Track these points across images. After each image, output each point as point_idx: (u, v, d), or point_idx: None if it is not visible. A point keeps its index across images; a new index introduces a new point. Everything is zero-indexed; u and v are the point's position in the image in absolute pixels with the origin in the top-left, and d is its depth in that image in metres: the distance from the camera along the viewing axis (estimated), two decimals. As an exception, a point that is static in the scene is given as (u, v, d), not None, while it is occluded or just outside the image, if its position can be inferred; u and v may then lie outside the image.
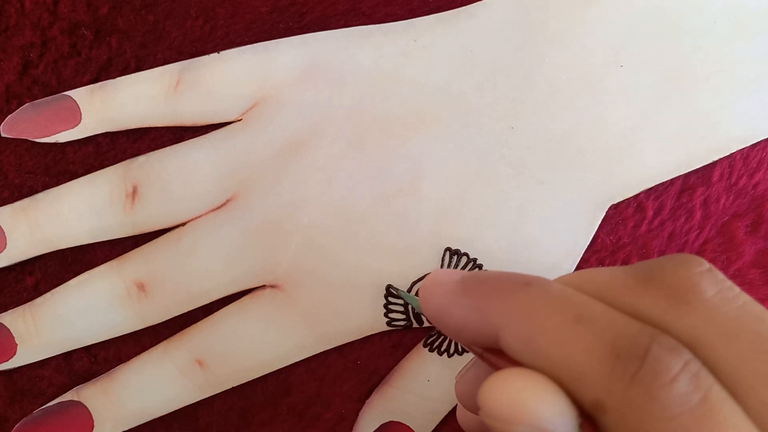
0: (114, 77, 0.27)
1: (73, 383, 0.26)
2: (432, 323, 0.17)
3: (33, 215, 0.26)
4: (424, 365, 0.26)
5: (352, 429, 0.26)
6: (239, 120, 0.27)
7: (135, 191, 0.26)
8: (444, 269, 0.21)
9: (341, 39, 0.27)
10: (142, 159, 0.27)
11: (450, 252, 0.26)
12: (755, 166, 0.27)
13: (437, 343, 0.26)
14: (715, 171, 0.27)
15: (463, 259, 0.26)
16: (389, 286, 0.26)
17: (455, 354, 0.26)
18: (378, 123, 0.26)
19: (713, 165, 0.27)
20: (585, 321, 0.14)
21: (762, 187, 0.27)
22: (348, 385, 0.26)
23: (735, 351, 0.13)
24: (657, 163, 0.26)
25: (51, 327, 0.26)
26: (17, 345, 0.26)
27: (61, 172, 0.27)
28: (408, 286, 0.26)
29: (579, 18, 0.26)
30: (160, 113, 0.27)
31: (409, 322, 0.26)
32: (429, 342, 0.26)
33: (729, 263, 0.27)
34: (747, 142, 0.26)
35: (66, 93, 0.27)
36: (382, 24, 0.27)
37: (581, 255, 0.26)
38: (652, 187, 0.26)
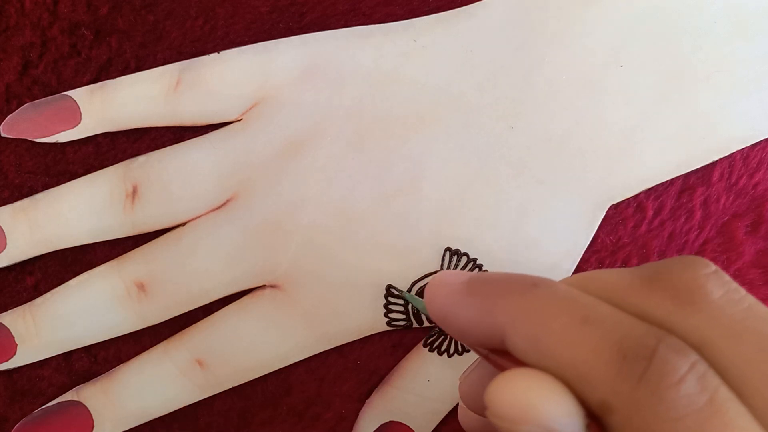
0: (114, 77, 0.27)
1: (73, 383, 0.26)
2: (438, 324, 0.17)
3: (33, 215, 0.26)
4: (424, 365, 0.26)
5: (352, 429, 0.26)
6: (239, 120, 0.27)
7: (135, 191, 0.26)
8: (450, 270, 0.21)
9: (341, 39, 0.27)
10: (142, 159, 0.27)
11: (450, 252, 0.26)
12: (755, 166, 0.27)
13: (437, 343, 0.26)
14: (715, 171, 0.27)
15: (463, 259, 0.26)
16: (390, 286, 0.26)
17: (455, 354, 0.26)
18: (378, 123, 0.26)
19: (713, 165, 0.27)
20: (592, 322, 0.14)
21: (762, 187, 0.27)
22: (348, 385, 0.26)
23: (741, 352, 0.13)
24: (657, 163, 0.26)
25: (51, 327, 0.26)
26: (17, 345, 0.26)
27: (61, 172, 0.27)
28: (408, 286, 0.26)
29: (579, 18, 0.26)
30: (160, 113, 0.27)
31: (409, 322, 0.26)
32: (429, 342, 0.26)
33: (729, 263, 0.27)
34: (747, 142, 0.26)
35: (66, 93, 0.27)
36: (382, 24, 0.27)
37: (581, 255, 0.26)
38: (652, 187, 0.26)
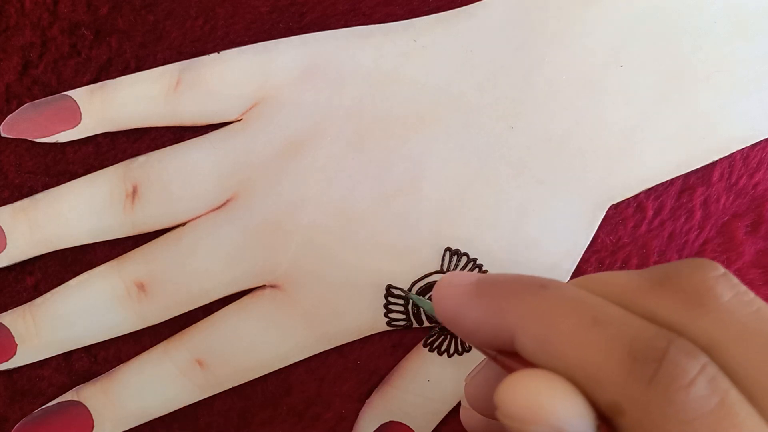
0: (114, 77, 0.27)
1: (73, 383, 0.26)
2: (446, 325, 0.17)
3: (33, 215, 0.26)
4: (424, 365, 0.26)
5: (352, 429, 0.26)
6: (239, 120, 0.27)
7: (135, 191, 0.26)
8: (458, 272, 0.21)
9: (341, 39, 0.27)
10: (142, 159, 0.27)
11: (450, 252, 0.26)
12: (755, 166, 0.27)
13: (437, 343, 0.26)
14: (715, 171, 0.27)
15: (463, 259, 0.26)
16: (390, 286, 0.26)
17: (455, 354, 0.26)
18: (378, 123, 0.26)
19: (713, 165, 0.27)
20: (602, 323, 0.14)
21: (762, 187, 0.27)
22: (348, 385, 0.26)
23: (750, 355, 0.13)
24: (657, 163, 0.26)
25: (51, 327, 0.26)
26: (17, 345, 0.26)
27: (61, 172, 0.27)
28: (408, 286, 0.26)
29: (579, 18, 0.26)
30: (160, 113, 0.27)
31: (409, 322, 0.26)
32: (429, 342, 0.26)
33: (729, 263, 0.27)
34: (747, 142, 0.26)
35: (66, 93, 0.27)
36: (382, 24, 0.27)
37: (581, 255, 0.26)
38: (652, 187, 0.26)
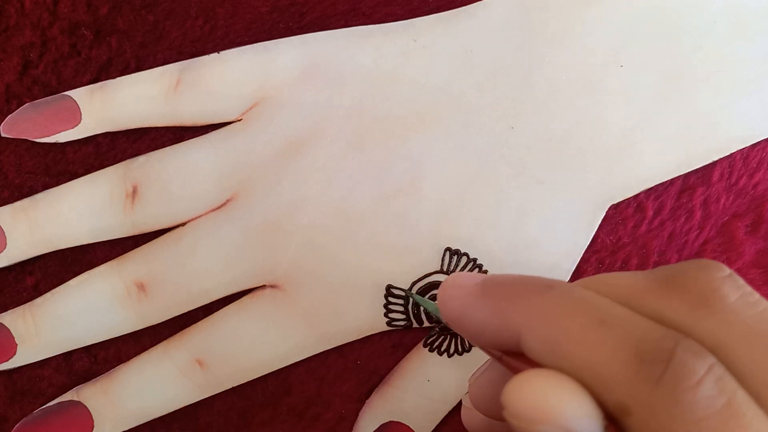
0: (114, 77, 0.27)
1: (73, 383, 0.26)
2: (451, 326, 0.17)
3: (33, 215, 0.26)
4: (424, 365, 0.26)
5: (352, 429, 0.26)
6: (239, 120, 0.27)
7: (135, 191, 0.26)
8: (463, 272, 0.21)
9: (341, 39, 0.27)
10: (142, 159, 0.27)
11: (450, 252, 0.26)
12: (755, 166, 0.27)
13: (437, 343, 0.26)
14: (715, 171, 0.27)
15: (463, 259, 0.26)
16: (390, 286, 0.26)
17: (455, 354, 0.26)
18: (378, 123, 0.26)
19: (713, 165, 0.27)
20: (609, 324, 0.14)
21: (762, 187, 0.27)
22: (348, 385, 0.26)
23: (757, 356, 0.13)
24: (657, 163, 0.26)
25: (51, 327, 0.26)
26: (17, 345, 0.26)
27: (61, 172, 0.27)
28: (408, 286, 0.26)
29: (579, 18, 0.26)
30: (160, 113, 0.27)
31: (409, 322, 0.26)
32: (429, 342, 0.26)
33: (729, 263, 0.27)
34: (747, 142, 0.26)
35: (66, 93, 0.27)
36: (382, 24, 0.27)
37: (581, 255, 0.26)
38: (652, 187, 0.26)
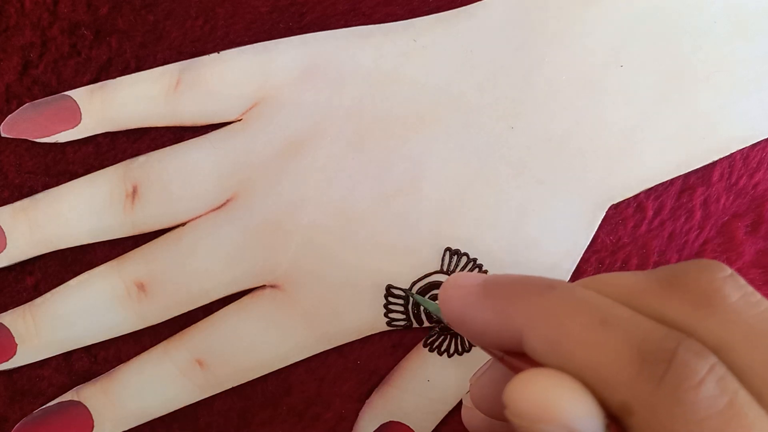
0: (114, 77, 0.27)
1: (73, 383, 0.26)
2: (452, 327, 0.17)
3: (33, 215, 0.26)
4: (424, 365, 0.26)
5: (352, 429, 0.26)
6: (239, 120, 0.27)
7: (135, 191, 0.26)
8: (463, 273, 0.21)
9: (341, 39, 0.27)
10: (142, 159, 0.27)
11: (450, 252, 0.26)
12: (755, 166, 0.27)
13: (437, 343, 0.26)
14: (715, 171, 0.27)
15: (463, 259, 0.26)
16: (390, 286, 0.26)
17: (455, 354, 0.26)
18: (378, 123, 0.26)
19: (713, 165, 0.27)
20: (611, 324, 0.14)
21: (762, 187, 0.27)
22: (348, 385, 0.26)
23: (759, 356, 0.13)
24: (657, 163, 0.26)
25: (51, 327, 0.26)
26: (17, 345, 0.26)
27: (61, 172, 0.27)
28: (408, 286, 0.26)
29: (579, 18, 0.26)
30: (160, 113, 0.27)
31: (409, 322, 0.26)
32: (429, 342, 0.26)
33: (729, 263, 0.27)
34: (747, 142, 0.26)
35: (66, 93, 0.27)
36: (382, 24, 0.27)
37: (581, 255, 0.26)
38: (652, 187, 0.26)
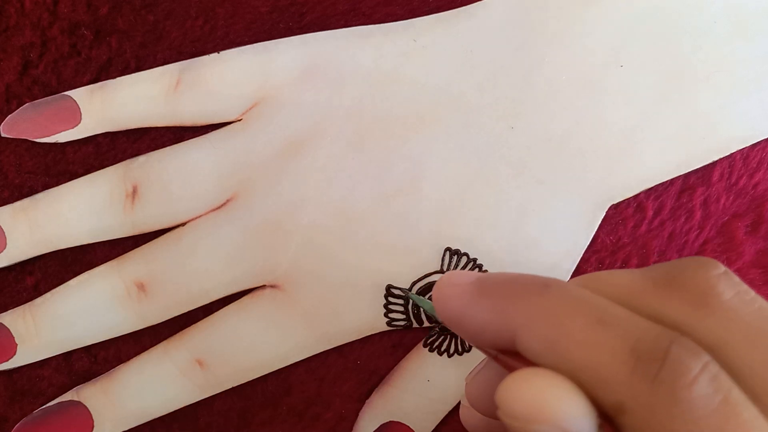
0: (114, 77, 0.27)
1: (73, 383, 0.26)
2: (447, 325, 0.17)
3: (33, 215, 0.26)
4: (424, 365, 0.26)
5: (352, 429, 0.26)
6: (239, 120, 0.27)
7: (135, 191, 0.26)
8: (457, 271, 0.21)
9: (341, 39, 0.27)
10: (142, 159, 0.27)
11: (450, 252, 0.26)
12: (755, 166, 0.27)
13: (437, 343, 0.26)
14: (715, 171, 0.27)
15: (463, 259, 0.26)
16: (390, 286, 0.26)
17: (455, 354, 0.26)
18: (378, 123, 0.26)
19: (713, 165, 0.27)
20: (607, 324, 0.14)
21: (762, 187, 0.27)
22: (348, 385, 0.26)
23: (754, 354, 0.13)
24: (657, 163, 0.26)
25: (51, 327, 0.26)
26: (17, 345, 0.26)
27: (61, 172, 0.27)
28: (408, 286, 0.26)
29: (579, 18, 0.26)
30: (160, 113, 0.27)
31: (409, 322, 0.26)
32: (429, 342, 0.26)
33: (729, 263, 0.27)
34: (747, 142, 0.26)
35: (66, 93, 0.27)
36: (382, 24, 0.27)
37: (581, 255, 0.26)
38: (652, 187, 0.26)
